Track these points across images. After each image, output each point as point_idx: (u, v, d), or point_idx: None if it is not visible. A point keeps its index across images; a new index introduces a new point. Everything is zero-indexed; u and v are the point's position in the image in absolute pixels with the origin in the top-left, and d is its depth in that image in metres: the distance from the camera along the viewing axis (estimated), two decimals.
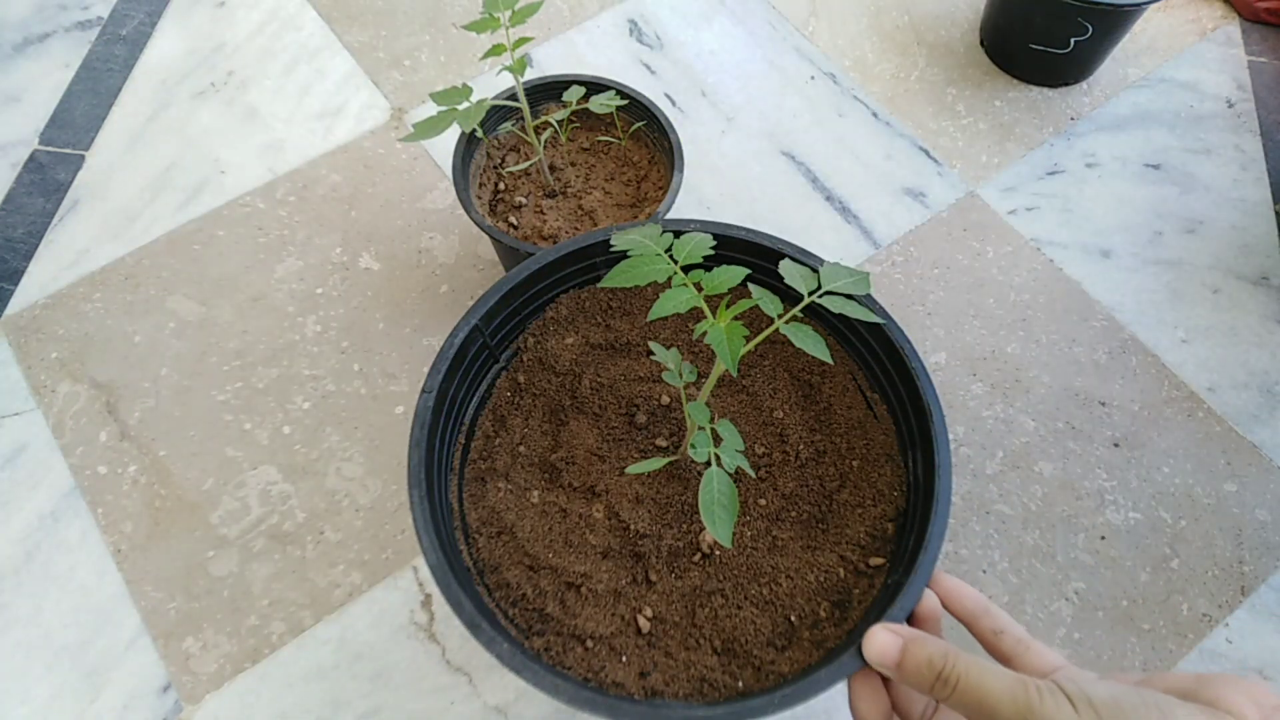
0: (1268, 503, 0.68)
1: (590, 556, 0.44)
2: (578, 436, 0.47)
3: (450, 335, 0.43)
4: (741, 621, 0.42)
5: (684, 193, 0.81)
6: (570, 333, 0.50)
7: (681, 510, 0.46)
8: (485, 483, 0.46)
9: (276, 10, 0.94)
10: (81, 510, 0.67)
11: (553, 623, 0.42)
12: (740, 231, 0.47)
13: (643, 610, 0.43)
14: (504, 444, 0.47)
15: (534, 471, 0.47)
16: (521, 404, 0.48)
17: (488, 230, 0.62)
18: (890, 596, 0.39)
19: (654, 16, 0.94)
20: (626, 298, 0.51)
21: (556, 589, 0.43)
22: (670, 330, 0.51)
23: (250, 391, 0.72)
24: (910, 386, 0.44)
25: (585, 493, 0.46)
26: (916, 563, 0.38)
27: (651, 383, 0.49)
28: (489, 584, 0.43)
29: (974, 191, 0.83)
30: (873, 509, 0.45)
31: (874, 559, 0.43)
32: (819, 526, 0.45)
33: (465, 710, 0.60)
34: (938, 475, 0.41)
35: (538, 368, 0.49)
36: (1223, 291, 0.78)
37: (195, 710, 0.60)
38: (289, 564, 0.65)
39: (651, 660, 0.41)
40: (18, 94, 0.89)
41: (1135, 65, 0.91)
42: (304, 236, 0.80)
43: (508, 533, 0.44)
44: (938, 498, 0.40)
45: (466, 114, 0.57)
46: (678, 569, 0.44)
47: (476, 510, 0.45)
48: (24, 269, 0.78)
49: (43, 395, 0.72)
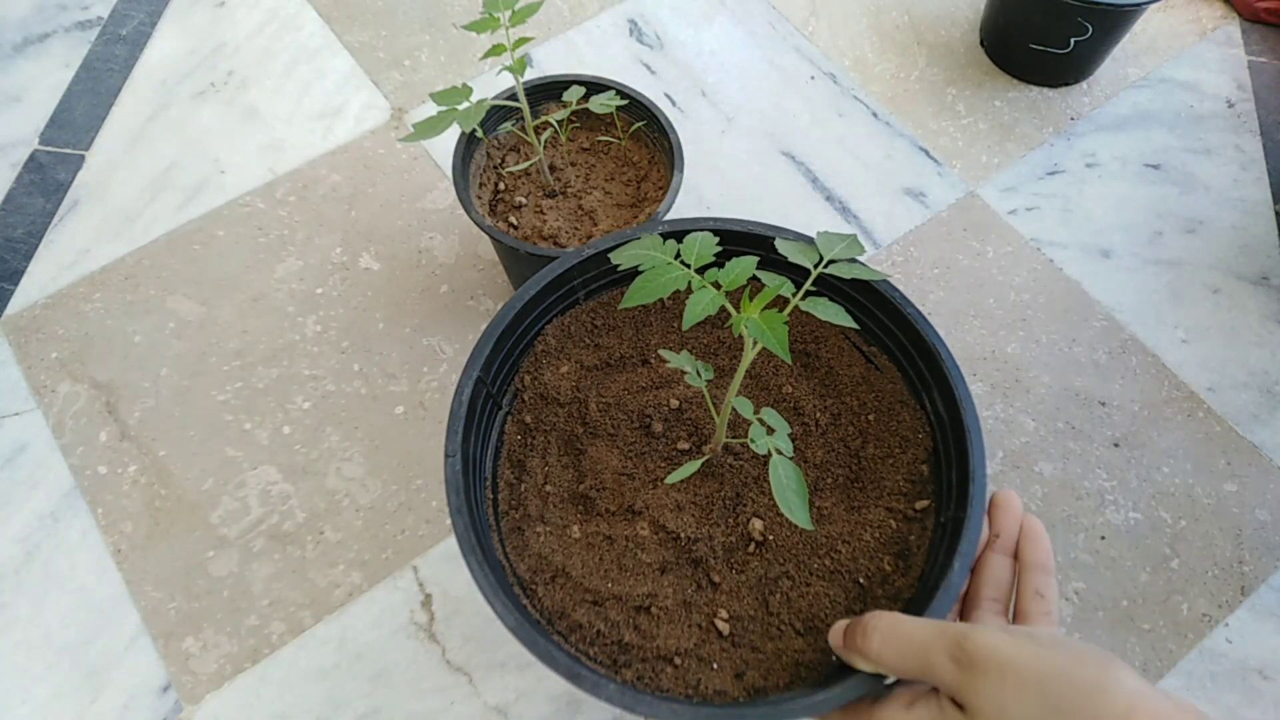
0: (1268, 503, 0.68)
1: (649, 575, 0.44)
2: (600, 461, 0.46)
3: (456, 393, 0.42)
4: (814, 597, 0.43)
5: (684, 193, 0.81)
6: (563, 361, 0.49)
7: (725, 506, 0.46)
8: (523, 531, 0.44)
9: (276, 10, 0.94)
10: (81, 510, 0.67)
11: (634, 650, 0.41)
12: (734, 224, 0.47)
13: (717, 614, 0.43)
14: (530, 488, 0.46)
15: (567, 507, 0.46)
16: (535, 444, 0.47)
17: (488, 230, 0.62)
18: (951, 534, 0.40)
19: (654, 16, 0.94)
20: (608, 315, 0.50)
21: (627, 616, 0.42)
22: (659, 335, 0.50)
23: (250, 391, 0.72)
24: (911, 333, 0.45)
25: (624, 514, 0.45)
26: (969, 495, 0.40)
27: (656, 390, 0.49)
28: (561, 631, 0.42)
29: (974, 191, 0.83)
30: (902, 455, 0.46)
31: (919, 503, 0.44)
32: (856, 486, 0.46)
33: (465, 710, 0.60)
34: (963, 409, 0.42)
35: (541, 404, 0.48)
36: (1223, 291, 0.78)
37: (195, 710, 0.60)
38: (289, 564, 0.65)
39: (742, 659, 0.41)
40: (18, 94, 0.89)
41: (1135, 65, 0.91)
42: (304, 236, 0.80)
43: (562, 575, 0.43)
44: (969, 429, 0.41)
45: (466, 114, 0.57)
46: (737, 564, 0.44)
47: (524, 561, 0.43)
48: (24, 269, 0.78)
49: (43, 395, 0.72)
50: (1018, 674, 0.31)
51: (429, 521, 0.67)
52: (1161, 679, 0.61)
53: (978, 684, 0.32)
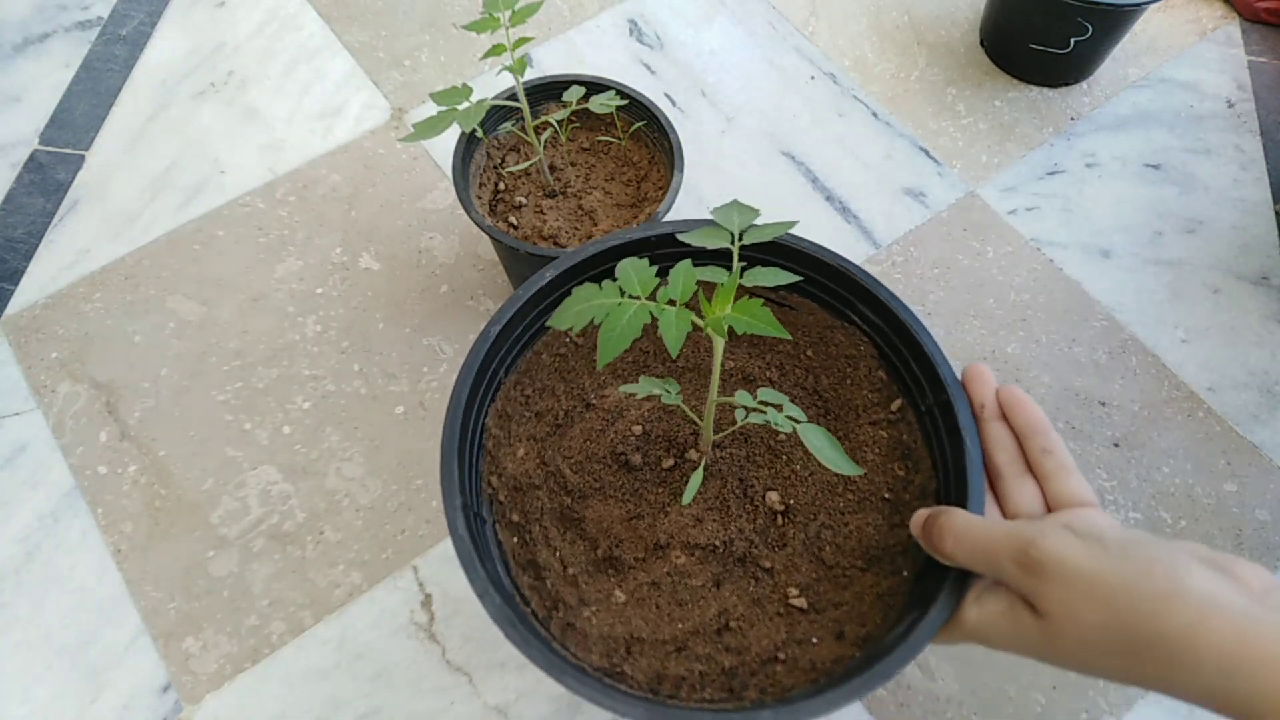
0: (1268, 503, 0.68)
1: (709, 595, 0.43)
2: (602, 518, 0.45)
3: (451, 529, 0.40)
4: (857, 532, 0.44)
5: (684, 193, 0.81)
6: (516, 444, 0.47)
7: (737, 497, 0.46)
8: (574, 626, 0.42)
9: (276, 10, 0.94)
10: (81, 510, 0.67)
11: (741, 670, 0.41)
12: (636, 234, 0.47)
13: (788, 595, 0.43)
14: (555, 581, 0.44)
15: (599, 578, 0.44)
16: (534, 536, 0.45)
17: (488, 230, 0.62)
18: (943, 415, 0.43)
19: (654, 16, 0.94)
20: (533, 380, 0.48)
21: (714, 643, 0.42)
22: (586, 375, 0.49)
23: (250, 391, 0.72)
24: (818, 265, 0.47)
25: (654, 554, 0.44)
26: (940, 378, 0.43)
27: (613, 426, 0.48)
28: (670, 692, 0.40)
29: (974, 191, 0.83)
30: (854, 372, 0.48)
31: (893, 404, 0.46)
32: (832, 417, 0.48)
33: (465, 710, 0.60)
34: (892, 306, 0.45)
35: (518, 496, 0.46)
36: (1223, 291, 0.78)
37: (195, 710, 0.60)
38: (289, 564, 0.65)
39: (833, 621, 0.42)
40: (18, 94, 0.89)
41: (1135, 65, 0.91)
42: (304, 236, 0.80)
43: (635, 643, 0.42)
44: (906, 323, 0.45)
45: (466, 114, 0.57)
46: (776, 541, 0.45)
47: (594, 651, 0.41)
48: (24, 269, 0.78)
49: (43, 395, 0.72)
50: (1086, 583, 0.31)
51: (429, 521, 0.67)
52: None
53: (1046, 590, 0.32)
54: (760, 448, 0.47)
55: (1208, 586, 0.30)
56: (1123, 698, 0.60)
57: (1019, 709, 0.60)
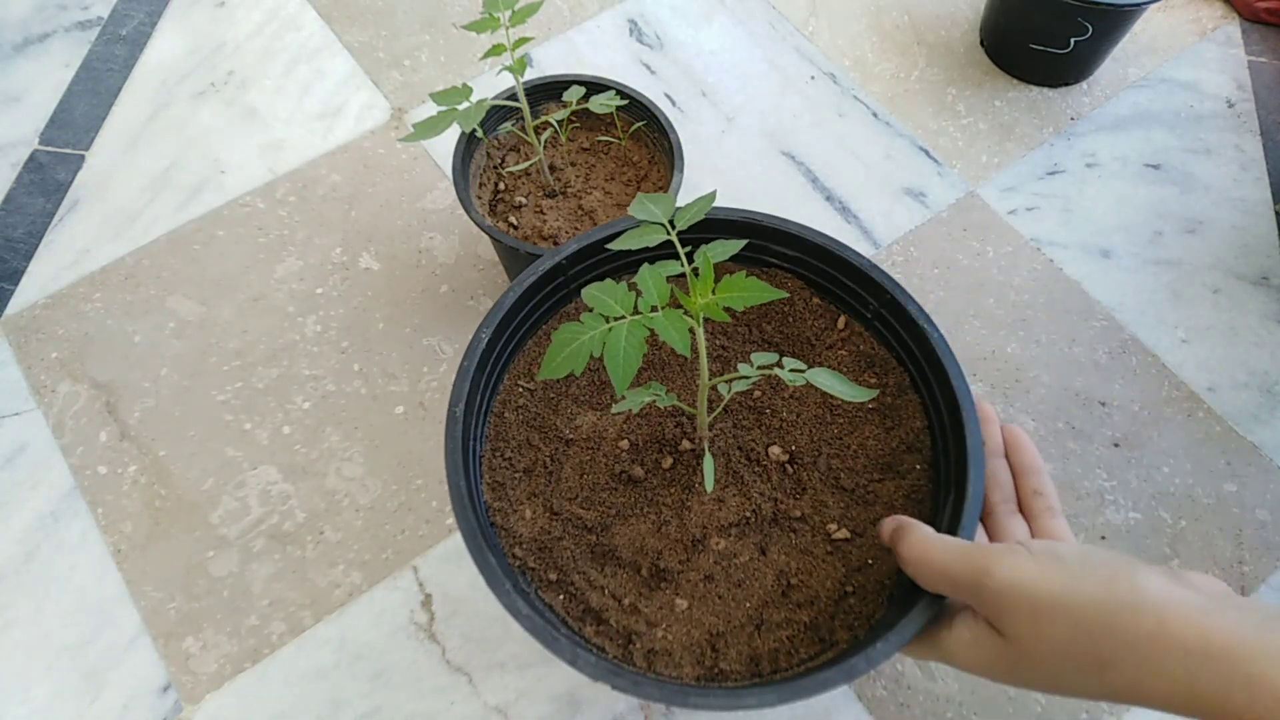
0: (1268, 503, 0.68)
1: (762, 565, 0.44)
2: (634, 541, 0.45)
3: (519, 618, 0.38)
4: (860, 450, 0.47)
5: (684, 193, 0.81)
6: (521, 507, 0.46)
7: (747, 464, 0.47)
8: (655, 650, 0.42)
9: (276, 10, 0.94)
10: (81, 510, 0.67)
11: (821, 617, 0.42)
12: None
13: (830, 533, 0.45)
14: (617, 618, 0.43)
15: (656, 595, 0.44)
16: (577, 586, 0.44)
17: (488, 230, 0.62)
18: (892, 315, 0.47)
19: (654, 16, 0.94)
20: (507, 436, 0.48)
21: (785, 606, 0.43)
22: (552, 413, 0.49)
23: (250, 391, 0.72)
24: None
25: (695, 550, 0.45)
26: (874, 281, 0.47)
27: (600, 450, 0.48)
28: (771, 668, 0.41)
29: (974, 191, 0.83)
30: (792, 308, 0.51)
31: (839, 323, 0.51)
32: (792, 356, 0.50)
33: (465, 710, 0.60)
34: (806, 236, 0.48)
35: (546, 556, 0.45)
36: (1223, 291, 0.78)
37: (195, 710, 0.60)
38: (289, 564, 0.65)
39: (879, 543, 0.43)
40: (18, 94, 0.89)
41: (1135, 65, 0.91)
42: (304, 236, 0.80)
43: (717, 638, 0.42)
44: (824, 245, 0.48)
45: (466, 114, 0.57)
46: (795, 489, 0.46)
47: (685, 662, 0.41)
48: (24, 269, 0.78)
49: (43, 395, 0.72)
50: (1047, 603, 0.32)
51: (429, 521, 0.67)
52: None
53: (1008, 617, 0.33)
54: (743, 412, 0.49)
55: (1167, 593, 0.31)
56: None
57: (1019, 709, 0.60)
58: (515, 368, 0.49)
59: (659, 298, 0.37)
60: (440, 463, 0.69)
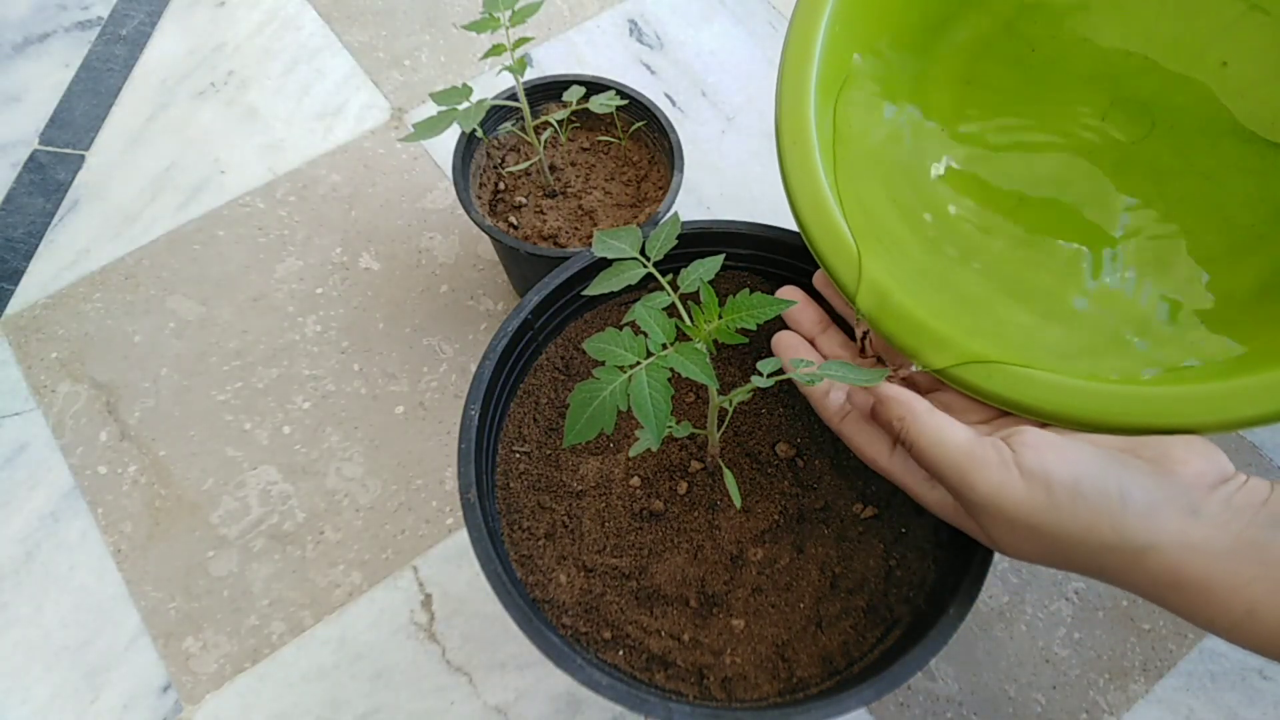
0: None
1: (803, 563, 0.44)
2: (674, 575, 0.44)
3: (599, 689, 0.37)
4: None
5: (684, 193, 0.81)
6: (556, 574, 0.45)
7: (758, 470, 0.47)
8: (730, 678, 0.41)
9: (276, 10, 0.94)
10: (81, 510, 0.67)
11: (876, 599, 0.43)
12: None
13: (859, 512, 0.46)
14: (682, 656, 0.42)
15: (712, 622, 0.43)
16: (634, 638, 0.43)
17: (488, 230, 0.62)
18: None
19: (654, 16, 0.94)
20: (519, 504, 0.47)
21: (837, 598, 0.43)
22: (555, 470, 0.48)
23: (250, 391, 0.72)
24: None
25: (736, 567, 0.45)
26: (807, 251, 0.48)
27: (612, 494, 0.47)
28: (844, 662, 0.41)
29: None
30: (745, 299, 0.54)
31: None
32: (763, 350, 0.51)
33: (465, 710, 0.60)
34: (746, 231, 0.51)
35: (594, 616, 0.44)
36: None
37: (195, 710, 0.60)
38: (289, 564, 0.65)
39: (904, 503, 0.45)
40: (18, 94, 0.89)
41: None
42: (304, 236, 0.80)
43: (784, 648, 0.42)
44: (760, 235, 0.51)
45: (466, 114, 0.57)
46: (812, 480, 0.47)
47: (763, 682, 0.41)
48: (24, 269, 0.78)
49: (43, 395, 0.72)
50: (1026, 528, 0.34)
51: (429, 521, 0.67)
52: (1161, 679, 0.61)
53: (988, 520, 0.35)
54: (739, 419, 0.49)
55: (1146, 534, 0.32)
56: (1123, 698, 0.60)
57: (1019, 709, 0.60)
58: (506, 434, 0.48)
59: (666, 334, 0.36)
60: (440, 463, 0.69)
